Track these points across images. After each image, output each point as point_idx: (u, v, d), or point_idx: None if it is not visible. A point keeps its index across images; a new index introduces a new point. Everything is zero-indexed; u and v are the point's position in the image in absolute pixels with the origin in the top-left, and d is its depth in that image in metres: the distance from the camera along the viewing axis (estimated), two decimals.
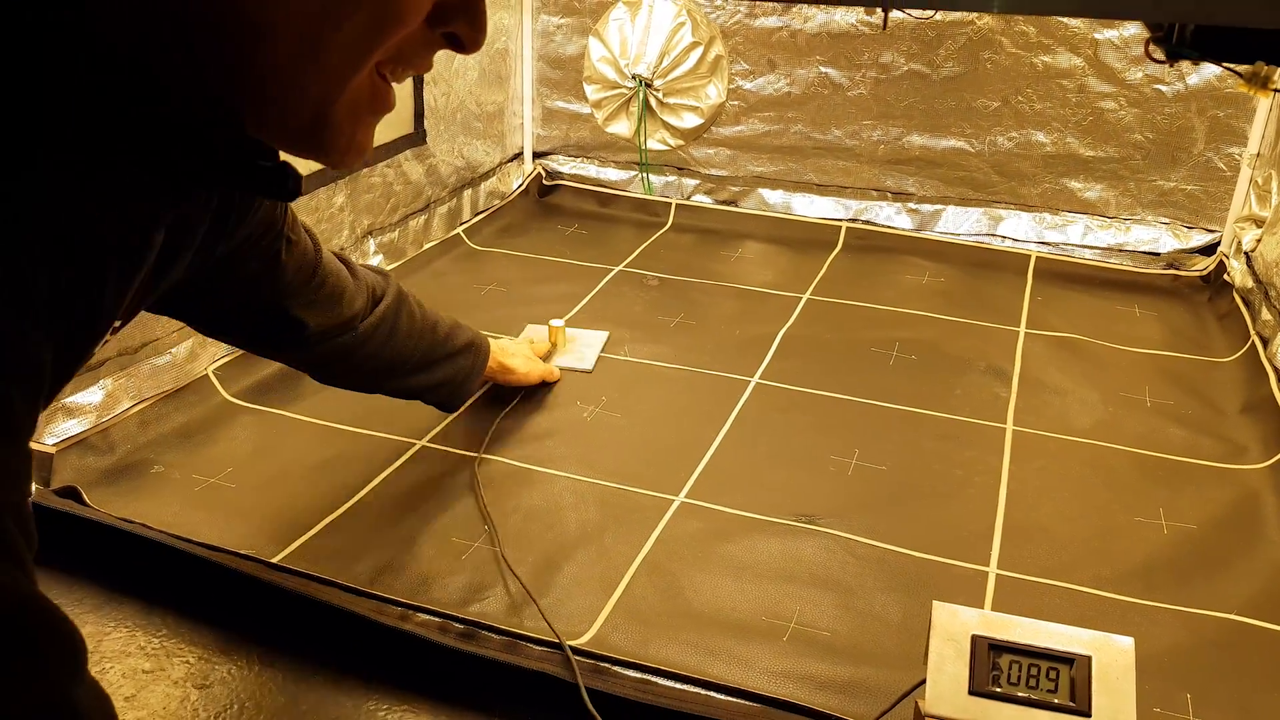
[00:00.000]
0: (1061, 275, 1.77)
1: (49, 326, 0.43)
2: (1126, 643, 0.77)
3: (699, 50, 1.94)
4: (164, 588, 0.93)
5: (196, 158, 0.51)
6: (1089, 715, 0.73)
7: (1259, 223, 1.65)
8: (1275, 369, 1.38)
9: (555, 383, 1.37)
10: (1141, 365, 1.47)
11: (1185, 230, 1.80)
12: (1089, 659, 0.76)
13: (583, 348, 1.48)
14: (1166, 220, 1.81)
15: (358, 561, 1.01)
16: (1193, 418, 1.33)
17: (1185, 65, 1.70)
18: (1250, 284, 1.58)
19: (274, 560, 0.98)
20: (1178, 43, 0.57)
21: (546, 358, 1.42)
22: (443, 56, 0.54)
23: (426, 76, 1.78)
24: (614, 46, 1.99)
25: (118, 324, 0.58)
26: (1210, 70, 1.70)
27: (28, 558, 0.39)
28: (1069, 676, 0.75)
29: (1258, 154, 1.68)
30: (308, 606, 0.89)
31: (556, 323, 1.47)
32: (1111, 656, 0.76)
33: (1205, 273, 1.73)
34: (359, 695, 0.84)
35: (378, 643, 0.87)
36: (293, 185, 0.54)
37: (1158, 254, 1.79)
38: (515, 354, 1.31)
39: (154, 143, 0.49)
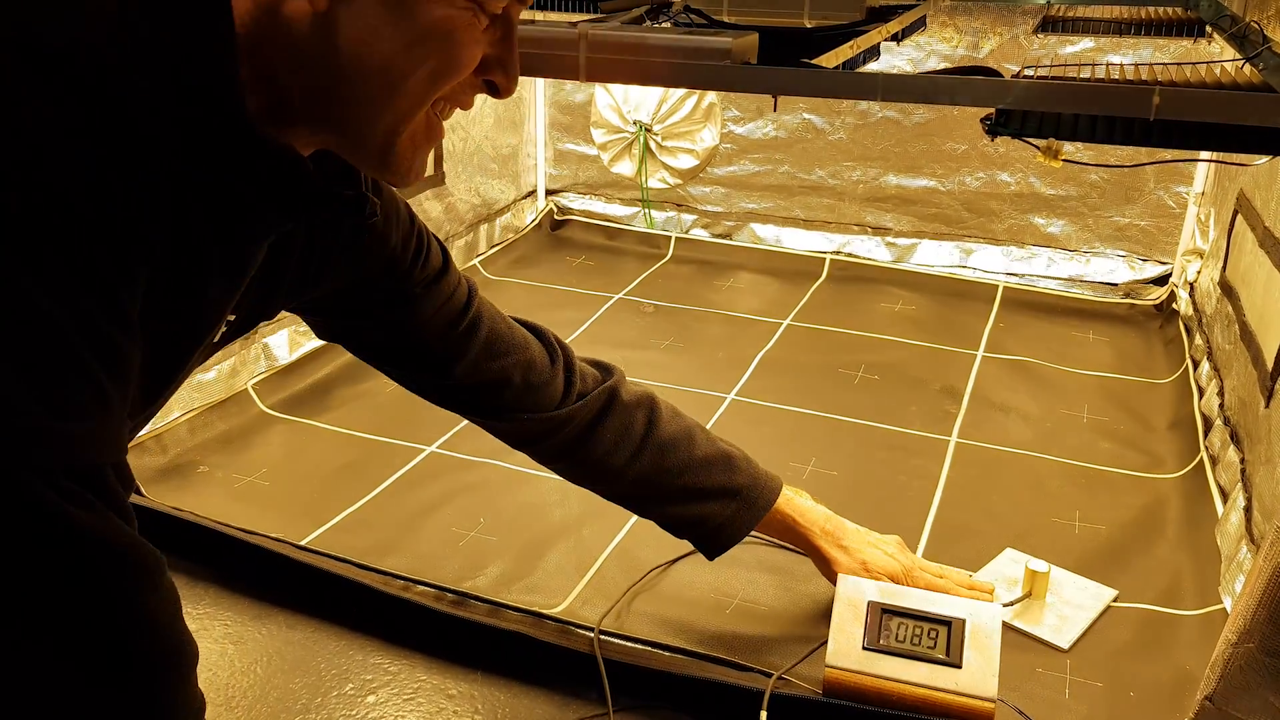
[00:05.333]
0: (1026, 304, 1.92)
1: (145, 323, 0.53)
2: (995, 609, 0.93)
3: (694, 99, 2.12)
4: (208, 564, 1.11)
5: (296, 183, 0.62)
6: (959, 666, 0.89)
7: (1201, 255, 1.80)
8: (1200, 389, 1.52)
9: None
10: (1085, 386, 1.62)
11: (1140, 262, 1.94)
12: (963, 622, 0.91)
13: (1070, 609, 1.06)
14: (1123, 253, 1.96)
15: (371, 545, 1.18)
16: (1123, 432, 1.47)
17: None
18: (1191, 312, 1.73)
19: (300, 543, 1.16)
20: (996, 123, 0.73)
21: (1019, 602, 1.08)
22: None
23: (445, 124, 1.97)
24: (617, 95, 2.18)
25: (224, 329, 0.70)
26: None
27: (125, 500, 0.54)
28: (945, 636, 0.91)
29: (1201, 192, 1.82)
30: (326, 580, 1.07)
31: (1039, 565, 1.07)
32: (982, 621, 0.92)
33: (1158, 301, 1.88)
34: (366, 652, 1.01)
35: (384, 610, 1.04)
36: (369, 210, 0.68)
37: (1115, 284, 1.94)
38: (856, 548, 1.04)
39: (262, 167, 0.59)
